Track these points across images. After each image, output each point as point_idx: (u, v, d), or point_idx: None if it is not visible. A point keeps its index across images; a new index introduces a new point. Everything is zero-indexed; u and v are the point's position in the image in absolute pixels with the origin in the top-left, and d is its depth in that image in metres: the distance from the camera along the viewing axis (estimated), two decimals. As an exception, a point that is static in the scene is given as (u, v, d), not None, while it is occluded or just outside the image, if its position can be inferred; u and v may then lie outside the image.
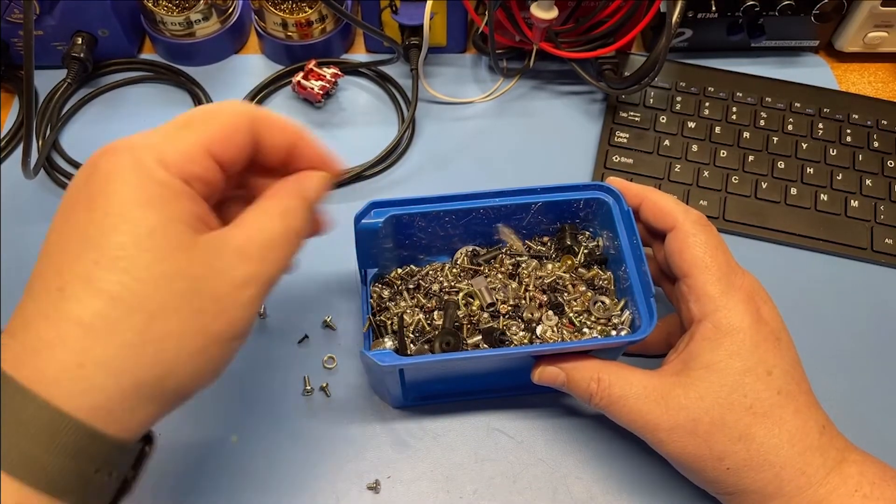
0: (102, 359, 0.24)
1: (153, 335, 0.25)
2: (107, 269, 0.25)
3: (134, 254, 0.25)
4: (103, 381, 0.24)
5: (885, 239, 0.52)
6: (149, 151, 0.26)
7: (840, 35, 0.63)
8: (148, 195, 0.26)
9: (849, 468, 0.35)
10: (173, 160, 0.27)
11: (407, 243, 0.44)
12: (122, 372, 0.25)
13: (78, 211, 0.26)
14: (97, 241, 0.25)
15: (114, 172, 0.26)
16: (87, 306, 0.25)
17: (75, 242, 0.25)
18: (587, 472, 0.43)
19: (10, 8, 0.55)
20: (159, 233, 0.26)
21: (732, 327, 0.36)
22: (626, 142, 0.57)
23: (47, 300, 0.25)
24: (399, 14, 0.57)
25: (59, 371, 0.24)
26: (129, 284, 0.25)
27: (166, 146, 0.27)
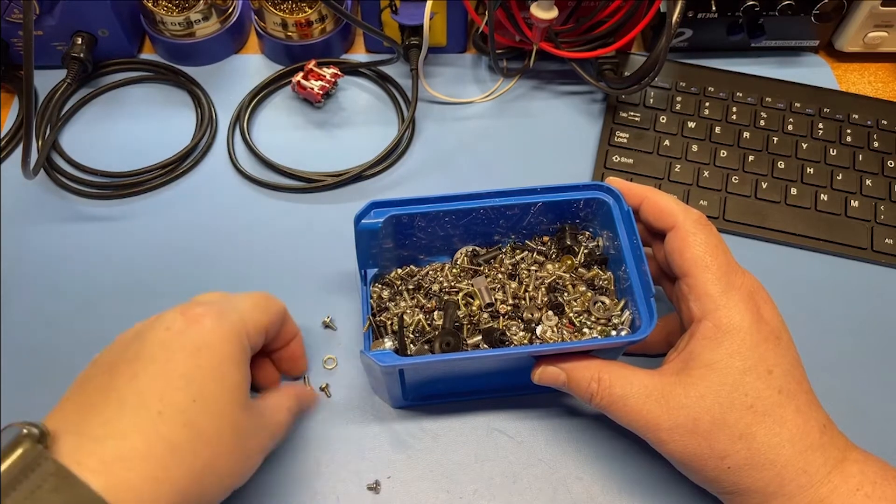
0: (176, 479, 0.30)
1: (211, 467, 0.31)
2: (199, 409, 0.31)
3: (221, 404, 0.32)
4: (169, 497, 0.29)
5: (885, 239, 0.52)
6: (243, 323, 0.35)
7: (840, 35, 0.63)
8: (237, 357, 0.34)
9: (850, 467, 0.35)
10: (251, 332, 0.36)
11: (407, 243, 0.44)
12: (184, 492, 0.30)
13: (182, 353, 0.32)
14: (197, 384, 0.31)
15: (218, 331, 0.33)
16: (179, 434, 0.30)
17: (177, 378, 0.31)
18: (587, 472, 0.43)
19: (10, 8, 0.55)
20: (239, 390, 0.33)
21: (733, 326, 0.36)
22: (626, 142, 0.57)
23: (147, 419, 0.30)
24: (399, 14, 0.57)
25: (141, 482, 0.28)
26: (211, 424, 0.31)
27: (249, 318, 0.36)
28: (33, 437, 0.27)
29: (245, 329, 0.35)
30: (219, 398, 0.32)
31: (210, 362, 0.32)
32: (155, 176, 0.54)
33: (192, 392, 0.31)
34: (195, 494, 0.30)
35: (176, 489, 0.29)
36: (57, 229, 0.52)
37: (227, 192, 0.54)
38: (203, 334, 0.33)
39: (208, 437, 0.31)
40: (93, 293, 0.49)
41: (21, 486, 0.26)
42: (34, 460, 0.27)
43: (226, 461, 0.32)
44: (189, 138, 0.56)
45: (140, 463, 0.29)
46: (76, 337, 0.47)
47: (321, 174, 0.55)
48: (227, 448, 0.32)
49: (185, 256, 0.51)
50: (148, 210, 0.53)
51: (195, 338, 0.32)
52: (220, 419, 0.32)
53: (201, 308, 0.34)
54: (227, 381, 0.33)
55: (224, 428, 0.32)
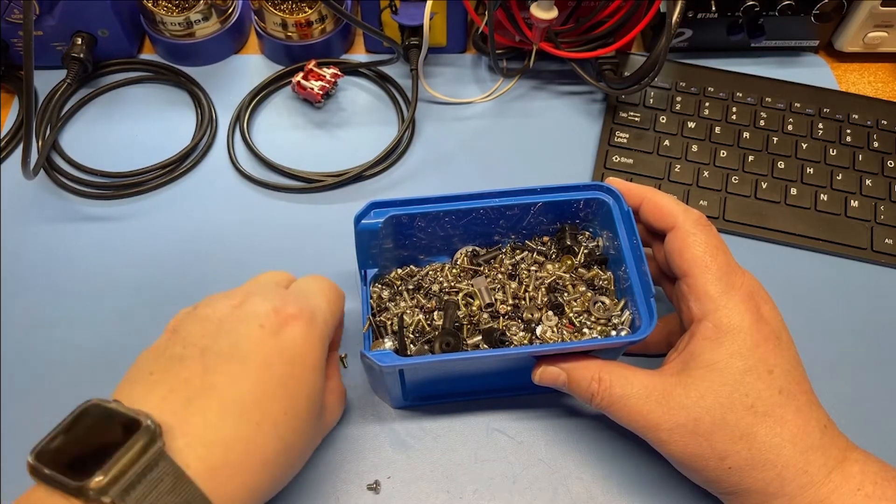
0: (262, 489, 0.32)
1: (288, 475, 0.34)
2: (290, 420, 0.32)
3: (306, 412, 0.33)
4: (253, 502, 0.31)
5: (885, 239, 0.52)
6: (326, 327, 0.36)
7: (840, 35, 0.63)
8: (321, 364, 0.35)
9: (850, 467, 0.35)
10: (332, 332, 0.37)
11: (407, 243, 0.44)
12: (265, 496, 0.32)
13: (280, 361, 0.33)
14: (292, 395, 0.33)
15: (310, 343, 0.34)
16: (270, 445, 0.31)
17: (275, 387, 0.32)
18: (587, 472, 0.43)
19: (10, 8, 0.55)
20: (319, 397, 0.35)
21: (733, 326, 0.36)
22: (626, 142, 0.57)
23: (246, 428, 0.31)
24: (399, 14, 0.57)
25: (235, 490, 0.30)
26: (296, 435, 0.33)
27: (331, 321, 0.37)
28: (150, 432, 0.27)
29: (328, 333, 0.36)
30: (306, 411, 0.33)
31: (302, 373, 0.33)
32: (155, 176, 0.54)
33: (285, 404, 0.32)
34: (269, 496, 0.33)
35: (259, 495, 0.31)
36: (57, 229, 0.52)
37: (227, 193, 0.54)
38: (297, 342, 0.33)
39: (291, 448, 0.33)
40: (93, 293, 0.49)
41: (140, 485, 0.26)
42: (153, 457, 0.27)
43: (298, 466, 0.35)
44: (189, 138, 0.56)
45: (239, 472, 0.30)
46: (76, 337, 0.47)
47: (321, 174, 0.55)
48: (302, 455, 0.35)
49: (185, 256, 0.51)
50: (148, 210, 0.53)
51: (290, 344, 0.33)
52: (303, 431, 0.34)
53: (292, 307, 0.34)
54: (313, 393, 0.34)
55: (304, 439, 0.34)
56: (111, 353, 0.40)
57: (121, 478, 0.26)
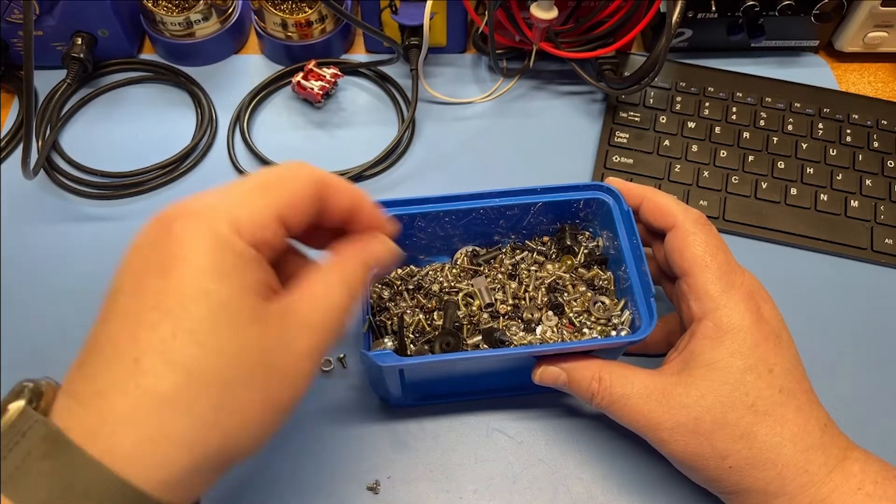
0: (177, 433, 0.24)
1: (225, 409, 0.25)
2: (183, 342, 0.24)
3: (210, 327, 0.25)
4: (177, 455, 0.24)
5: (885, 239, 0.52)
6: (224, 218, 0.26)
7: (840, 35, 0.63)
8: (223, 265, 0.26)
9: (851, 466, 0.35)
10: (247, 228, 0.27)
11: (407, 243, 0.44)
12: (194, 445, 0.25)
13: (151, 275, 0.26)
14: (173, 312, 0.25)
15: (190, 239, 0.26)
16: (163, 380, 0.24)
17: (150, 311, 0.25)
18: (587, 472, 0.43)
19: (10, 8, 0.55)
20: (234, 305, 0.26)
21: (733, 326, 0.36)
22: (626, 142, 0.57)
23: (122, 371, 0.24)
24: (399, 14, 0.57)
25: (133, 445, 0.24)
26: (204, 358, 0.25)
27: (240, 212, 0.27)
28: (30, 392, 0.25)
29: (232, 225, 0.26)
30: (207, 323, 0.25)
31: (187, 281, 0.25)
32: (155, 176, 0.54)
33: (169, 327, 0.24)
34: (216, 442, 0.25)
35: (183, 443, 0.24)
36: (57, 229, 0.52)
37: (227, 192, 0.54)
38: (172, 247, 0.26)
39: (205, 374, 0.25)
40: (93, 293, 0.48)
41: (12, 452, 0.23)
42: (26, 422, 0.24)
43: (245, 392, 0.26)
44: (189, 138, 0.56)
45: (127, 423, 0.24)
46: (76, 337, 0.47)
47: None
48: (241, 377, 0.25)
49: (185, 256, 0.50)
50: (148, 210, 0.53)
51: (163, 255, 0.26)
52: (216, 348, 0.25)
53: (175, 209, 0.27)
54: (212, 300, 0.25)
55: (226, 355, 0.25)
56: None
57: None
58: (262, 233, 0.27)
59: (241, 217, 0.27)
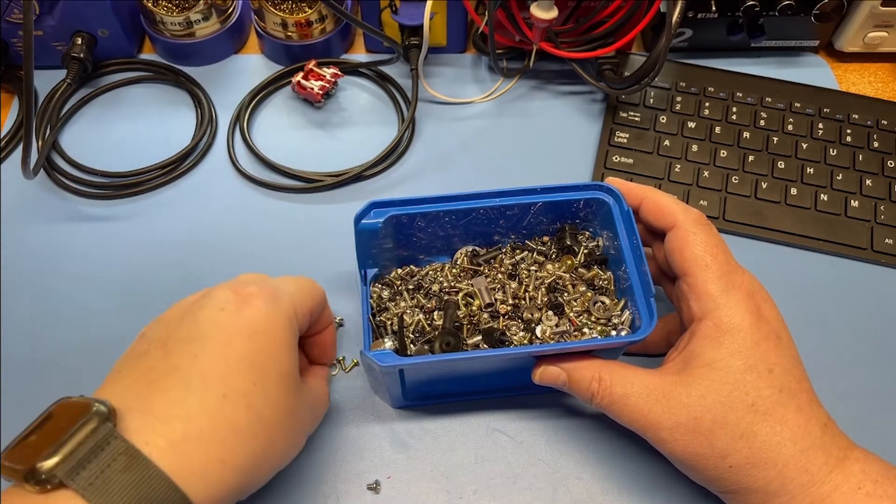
0: (238, 460, 0.30)
1: (268, 451, 0.32)
2: (258, 392, 0.31)
3: (275, 386, 0.32)
4: (232, 479, 0.30)
5: (885, 239, 0.52)
6: (291, 304, 0.34)
7: (840, 35, 0.63)
8: (289, 340, 0.34)
9: (851, 466, 0.35)
10: (301, 315, 0.35)
11: (407, 243, 0.44)
12: (244, 473, 0.31)
13: (240, 335, 0.32)
14: (256, 367, 0.32)
15: (269, 315, 0.33)
16: (240, 417, 0.30)
17: (238, 361, 0.31)
18: (587, 472, 0.43)
19: (10, 8, 0.55)
20: (291, 374, 0.34)
21: (733, 325, 0.36)
22: (626, 142, 0.57)
23: (211, 401, 0.30)
24: (399, 14, 0.57)
25: (204, 465, 0.29)
26: (268, 408, 0.32)
27: (299, 303, 0.35)
28: (102, 415, 0.27)
29: (294, 312, 0.34)
30: (276, 382, 0.32)
31: (266, 346, 0.32)
32: (155, 176, 0.54)
33: (252, 376, 0.31)
34: (252, 476, 0.31)
35: (238, 470, 0.30)
36: (57, 229, 0.52)
37: (227, 192, 0.54)
38: (258, 317, 0.32)
39: (267, 420, 0.31)
40: (93, 293, 0.49)
41: (91, 464, 0.26)
42: (104, 438, 0.27)
43: (281, 443, 0.33)
44: (189, 138, 0.56)
45: (206, 445, 0.29)
46: (76, 337, 0.47)
47: (321, 174, 0.55)
48: (283, 430, 0.33)
49: (184, 256, 0.51)
50: (148, 210, 0.53)
51: (251, 321, 0.32)
52: (276, 402, 0.32)
53: (253, 288, 0.33)
54: (282, 365, 0.33)
55: (280, 411, 0.32)
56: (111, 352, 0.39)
57: (70, 459, 0.26)
58: (304, 322, 0.36)
59: (298, 306, 0.35)
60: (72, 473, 0.26)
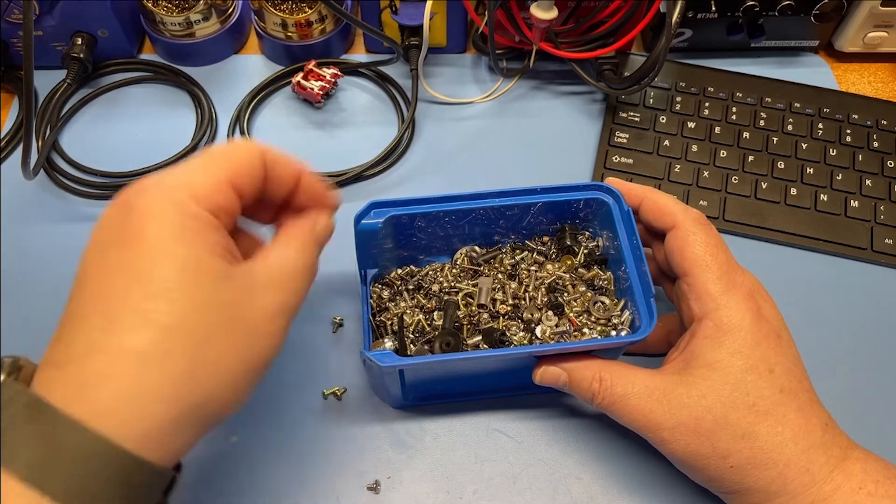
0: (156, 387, 0.25)
1: (200, 362, 0.26)
2: (156, 301, 0.26)
3: (179, 285, 0.26)
4: (155, 409, 0.25)
5: (885, 239, 0.52)
6: (180, 187, 0.28)
7: (840, 35, 0.63)
8: (185, 228, 0.27)
9: (852, 465, 0.35)
10: (203, 193, 0.29)
11: (407, 244, 0.44)
12: (173, 399, 0.26)
13: (117, 247, 0.27)
14: (143, 274, 0.26)
15: (151, 209, 0.27)
16: (141, 337, 0.26)
17: (120, 277, 0.26)
18: (587, 472, 0.43)
19: (10, 8, 0.55)
20: (200, 264, 0.27)
21: (733, 325, 0.36)
22: (626, 142, 0.57)
23: (100, 332, 0.26)
24: (399, 14, 0.57)
25: (113, 401, 0.25)
26: (177, 314, 0.26)
27: (194, 180, 0.29)
28: (8, 367, 0.26)
29: (188, 193, 0.28)
30: (173, 282, 0.26)
31: (150, 247, 0.27)
32: (155, 176, 0.54)
33: (140, 290, 0.26)
34: (192, 394, 0.26)
35: (159, 396, 0.25)
36: (57, 229, 0.52)
37: (227, 193, 0.54)
38: (132, 218, 0.27)
39: (177, 329, 0.26)
40: (93, 293, 0.49)
41: None
42: (8, 393, 0.25)
43: (216, 344, 0.27)
44: (189, 138, 0.56)
45: (104, 381, 0.25)
46: (76, 337, 0.47)
47: (321, 174, 0.55)
48: (211, 330, 0.27)
49: (185, 256, 0.50)
50: (148, 210, 0.53)
51: (128, 226, 0.27)
52: (185, 304, 0.26)
53: (132, 188, 0.29)
54: (177, 260, 0.27)
55: (195, 310, 0.27)
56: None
57: None
58: (217, 197, 0.29)
59: (196, 184, 0.29)
60: None
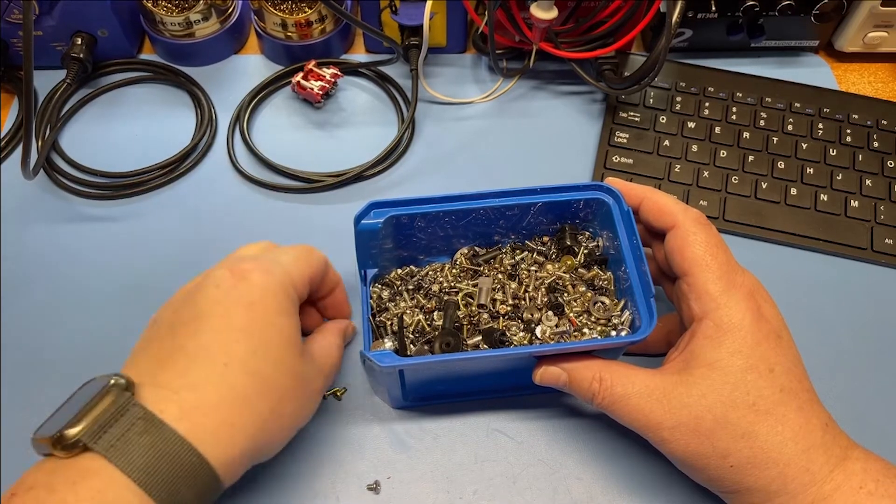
0: (246, 425, 0.32)
1: (276, 414, 0.34)
2: (262, 358, 0.33)
3: (277, 350, 0.34)
4: (241, 441, 0.32)
5: (885, 239, 0.52)
6: (286, 274, 0.36)
7: (840, 35, 0.63)
8: (288, 307, 0.35)
9: (852, 465, 0.35)
10: (299, 283, 0.37)
11: (407, 244, 0.44)
12: (253, 437, 0.32)
13: (238, 307, 0.34)
14: (255, 335, 0.33)
15: (266, 286, 0.35)
16: (245, 382, 0.32)
17: (237, 332, 0.33)
18: (587, 472, 0.43)
19: (10, 8, 0.55)
20: (292, 337, 0.35)
21: (733, 325, 0.36)
22: (626, 142, 0.57)
23: (214, 371, 0.32)
24: (399, 14, 0.57)
25: (216, 428, 0.31)
26: (271, 372, 0.34)
27: (294, 271, 0.37)
28: (120, 386, 0.30)
29: (291, 281, 0.36)
30: (276, 347, 0.34)
31: (263, 315, 0.34)
32: (155, 176, 0.54)
33: (251, 344, 0.33)
34: (263, 438, 0.33)
35: (246, 434, 0.32)
36: (57, 229, 0.52)
37: (227, 193, 0.54)
38: (253, 290, 0.34)
39: (271, 384, 0.33)
40: (93, 293, 0.49)
41: (112, 428, 0.29)
42: (123, 406, 0.30)
43: (288, 405, 0.35)
44: (189, 138, 0.56)
45: (214, 410, 0.31)
46: (76, 337, 0.47)
47: (321, 174, 0.55)
48: (289, 392, 0.34)
49: (184, 256, 0.51)
50: (148, 210, 0.53)
51: (246, 293, 0.34)
52: (279, 366, 0.34)
53: (248, 264, 0.35)
54: (281, 331, 0.34)
55: (284, 374, 0.34)
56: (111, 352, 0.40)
57: (93, 425, 0.29)
58: (304, 289, 0.38)
59: (295, 275, 0.37)
60: (94, 437, 0.29)
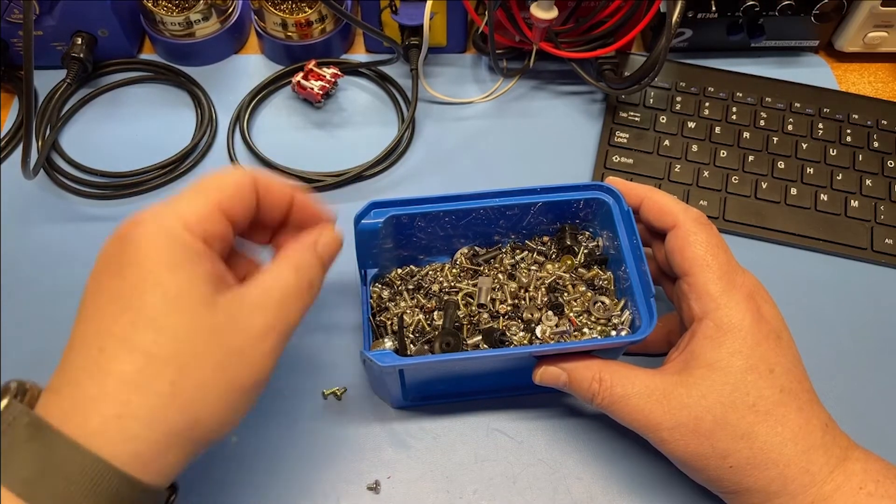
0: (139, 410, 0.27)
1: (183, 387, 0.28)
2: (142, 329, 0.28)
3: (164, 314, 0.28)
4: (140, 430, 0.27)
5: (885, 239, 0.52)
6: (172, 217, 0.29)
7: (840, 35, 0.63)
8: (174, 258, 0.29)
9: (852, 465, 0.35)
10: (194, 222, 0.30)
11: (407, 243, 0.44)
12: (157, 421, 0.27)
13: (111, 277, 0.29)
14: (132, 303, 0.28)
15: (143, 240, 0.29)
16: (125, 363, 0.27)
17: (112, 306, 0.28)
18: (587, 472, 0.43)
19: (10, 8, 0.55)
20: (186, 293, 0.29)
21: (733, 325, 0.36)
22: (626, 142, 0.57)
23: (89, 359, 0.28)
24: (399, 14, 0.57)
25: (102, 424, 0.26)
26: (161, 342, 0.28)
27: (185, 209, 0.30)
28: (11, 391, 0.28)
29: (182, 224, 0.29)
30: (161, 312, 0.28)
31: (139, 278, 0.28)
32: (155, 176, 0.54)
33: (129, 317, 0.28)
34: (176, 417, 0.28)
35: (144, 419, 0.27)
36: (57, 229, 0.52)
37: (227, 192, 0.54)
38: (127, 250, 0.29)
39: (162, 356, 0.28)
40: (93, 293, 0.49)
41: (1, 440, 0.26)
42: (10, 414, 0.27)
43: (200, 370, 0.28)
44: (189, 138, 0.56)
45: (94, 404, 0.27)
46: (76, 337, 0.47)
47: (321, 174, 0.55)
48: (197, 356, 0.28)
49: (185, 256, 0.50)
50: (148, 210, 0.53)
51: (117, 257, 0.29)
52: (168, 332, 0.28)
53: (129, 220, 0.30)
54: (167, 291, 0.28)
55: (181, 338, 0.28)
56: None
57: None
58: (208, 225, 0.30)
59: (187, 214, 0.30)
60: None
